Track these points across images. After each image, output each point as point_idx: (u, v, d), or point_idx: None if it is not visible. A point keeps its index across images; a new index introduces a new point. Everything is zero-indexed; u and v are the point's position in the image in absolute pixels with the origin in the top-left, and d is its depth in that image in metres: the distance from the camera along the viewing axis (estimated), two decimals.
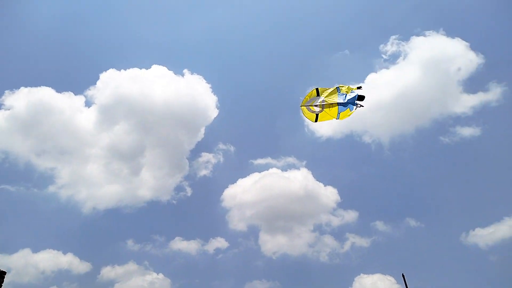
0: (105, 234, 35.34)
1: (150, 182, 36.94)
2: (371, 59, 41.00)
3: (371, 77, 39.31)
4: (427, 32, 38.83)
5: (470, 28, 39.83)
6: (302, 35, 45.08)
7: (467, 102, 35.91)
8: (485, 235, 30.60)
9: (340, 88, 17.31)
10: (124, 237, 34.53)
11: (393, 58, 39.37)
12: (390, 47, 39.68)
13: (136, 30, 45.18)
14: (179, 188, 37.11)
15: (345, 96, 17.15)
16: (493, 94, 35.38)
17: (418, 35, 39.26)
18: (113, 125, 37.30)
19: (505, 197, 32.49)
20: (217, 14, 46.08)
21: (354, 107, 16.82)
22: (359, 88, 16.93)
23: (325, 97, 16.94)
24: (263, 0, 47.01)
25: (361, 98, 17.29)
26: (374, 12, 43.98)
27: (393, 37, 39.79)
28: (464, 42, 36.89)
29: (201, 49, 45.34)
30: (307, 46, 44.93)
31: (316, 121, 16.52)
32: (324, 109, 16.88)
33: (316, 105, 16.91)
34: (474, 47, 36.63)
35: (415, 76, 37.55)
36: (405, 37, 39.67)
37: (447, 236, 32.57)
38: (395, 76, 38.70)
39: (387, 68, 39.60)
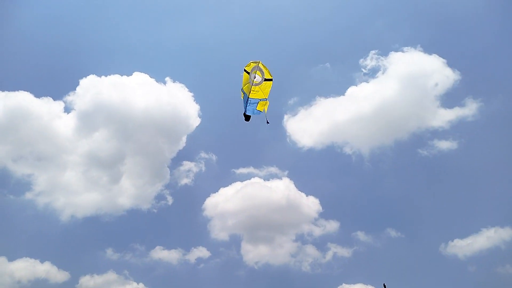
0: (84, 242, 34.19)
1: (130, 190, 36.29)
2: (352, 72, 41.92)
3: (351, 90, 40.21)
4: (405, 48, 40.12)
5: (447, 45, 41.23)
6: (285, 47, 45.73)
7: (444, 117, 37.07)
8: (464, 246, 31.46)
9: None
10: (103, 246, 33.64)
11: (373, 72, 40.38)
12: (369, 62, 40.68)
13: (118, 36, 44.91)
14: (159, 197, 36.54)
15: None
16: (469, 109, 36.73)
17: (396, 50, 40.52)
18: (92, 132, 36.62)
19: (482, 208, 33.62)
20: (201, 23, 46.29)
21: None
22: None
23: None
24: (247, 11, 47.50)
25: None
26: (355, 28, 45.08)
27: (373, 51, 40.89)
28: (441, 59, 38.29)
29: (184, 57, 45.34)
30: (289, 58, 45.59)
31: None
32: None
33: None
34: (450, 64, 37.94)
35: (394, 90, 38.75)
36: (384, 52, 40.70)
37: (426, 247, 33.17)
38: (375, 90, 39.73)
39: (366, 81, 40.57)
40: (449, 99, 37.62)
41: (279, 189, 36.10)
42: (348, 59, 43.17)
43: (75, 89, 38.34)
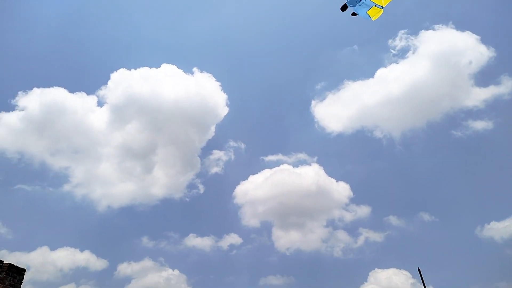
0: (120, 231, 35.67)
1: (163, 180, 37.20)
2: (380, 54, 40.79)
3: (380, 72, 39.13)
4: (436, 26, 38.62)
5: (480, 22, 39.39)
6: (310, 32, 44.94)
7: (479, 96, 35.59)
8: (501, 229, 30.36)
9: None
10: (139, 234, 34.81)
11: (402, 53, 39.15)
12: (399, 42, 39.47)
13: (144, 29, 45.44)
14: (191, 186, 37.27)
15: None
16: (505, 87, 35.01)
17: (427, 29, 39.04)
18: (125, 124, 37.61)
19: None
20: (225, 13, 46.20)
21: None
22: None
23: None
24: None
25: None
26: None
27: (402, 31, 39.52)
28: (474, 36, 36.58)
29: (210, 47, 45.44)
30: (315, 42, 44.80)
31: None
32: None
33: None
34: (484, 41, 36.25)
35: (425, 70, 37.31)
36: (414, 32, 39.51)
37: (461, 230, 32.55)
38: (405, 71, 38.46)
39: (396, 62, 39.44)
40: (484, 77, 36.26)
41: (309, 176, 36.12)
42: (376, 40, 42.10)
43: (107, 83, 39.62)
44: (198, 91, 39.98)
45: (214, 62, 44.22)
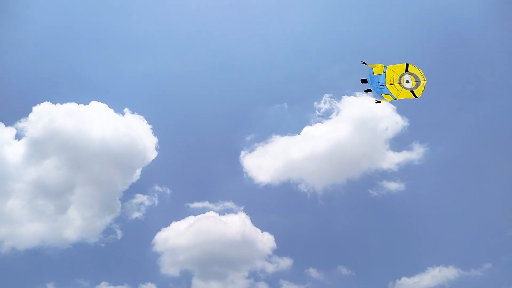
0: (23, 276, 32.05)
1: (78, 222, 34.69)
2: (307, 113, 43.28)
3: (306, 129, 41.53)
4: (357, 93, 42.34)
5: None
6: (245, 85, 47.03)
7: (393, 159, 38.99)
8: (411, 285, 32.28)
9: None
10: (43, 280, 31.64)
11: (327, 114, 42.07)
12: (323, 105, 42.39)
13: (75, 64, 44.32)
14: (108, 231, 35.26)
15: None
16: (416, 153, 38.89)
17: (349, 95, 42.67)
18: (42, 159, 35.33)
19: (427, 248, 34.95)
20: (163, 57, 47.08)
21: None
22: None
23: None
24: (210, 49, 48.53)
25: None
26: (311, 72, 47.32)
27: (327, 95, 42.78)
28: (391, 105, 40.73)
29: (144, 89, 45.28)
30: (248, 96, 46.73)
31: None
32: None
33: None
34: (399, 111, 40.44)
35: (347, 132, 40.62)
36: (337, 96, 42.73)
37: (375, 285, 33.77)
38: (329, 130, 41.33)
39: (321, 122, 42.10)
40: (398, 143, 39.90)
41: (235, 224, 35.95)
42: (304, 100, 44.79)
43: (28, 116, 37.31)
44: (128, 132, 39.10)
45: (147, 105, 43.83)
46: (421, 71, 17.44)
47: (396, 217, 38.03)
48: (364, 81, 18.39)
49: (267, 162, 40.60)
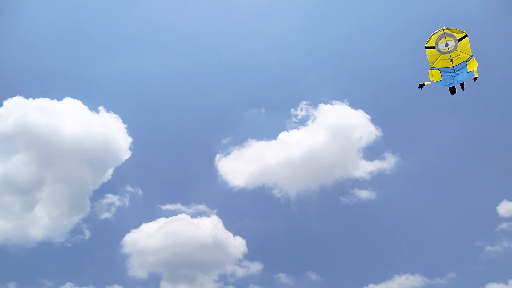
0: None
1: (44, 221, 33.92)
2: (284, 119, 43.64)
3: (282, 135, 41.89)
4: (333, 101, 43.02)
5: (372, 104, 44.62)
6: (223, 90, 47.19)
7: (365, 168, 39.75)
8: None
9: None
10: (6, 279, 30.77)
11: (303, 121, 42.57)
12: (300, 112, 42.83)
13: (50, 59, 43.64)
14: (76, 230, 34.70)
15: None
16: (388, 163, 39.79)
17: (325, 103, 43.29)
18: (11, 155, 34.49)
19: (395, 256, 35.77)
20: (141, 57, 46.59)
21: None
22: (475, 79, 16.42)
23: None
24: (189, 51, 48.49)
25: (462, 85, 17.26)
26: (289, 79, 47.88)
27: (304, 102, 43.27)
28: (366, 115, 41.59)
29: (120, 88, 44.82)
30: (226, 100, 46.83)
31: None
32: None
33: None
34: (374, 121, 41.30)
35: (322, 139, 41.14)
36: (314, 104, 43.26)
37: None
38: (304, 137, 41.83)
39: (297, 128, 42.51)
40: (371, 152, 40.70)
41: (207, 227, 35.82)
42: (282, 106, 45.19)
43: None
44: (102, 130, 38.52)
45: (123, 104, 43.36)
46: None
47: (366, 225, 38.75)
48: (453, 91, 18.06)
49: (242, 166, 40.81)
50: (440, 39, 16.18)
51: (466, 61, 16.30)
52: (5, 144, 34.96)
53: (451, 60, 16.35)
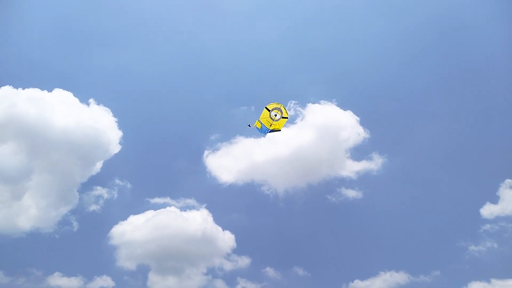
0: None
1: (32, 211, 33.67)
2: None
3: (271, 133, 41.86)
4: (321, 101, 43.78)
5: (360, 105, 45.47)
6: (213, 87, 47.79)
7: (352, 168, 40.53)
8: (363, 287, 33.52)
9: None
10: None
11: (291, 120, 43.03)
12: (288, 110, 43.14)
13: (40, 50, 43.66)
14: (64, 222, 34.67)
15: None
16: (375, 164, 40.67)
17: (313, 102, 44.10)
18: None
19: (380, 254, 36.38)
20: (131, 51, 47.11)
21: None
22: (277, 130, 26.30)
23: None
24: (181, 48, 49.26)
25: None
26: (278, 78, 48.71)
27: (292, 101, 44.03)
28: (355, 117, 42.60)
29: (111, 81, 44.99)
30: (215, 97, 47.44)
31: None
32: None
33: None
34: (362, 123, 42.38)
35: (310, 138, 41.90)
36: (302, 103, 44.03)
37: (330, 286, 34.64)
38: (293, 135, 42.52)
39: (286, 126, 42.72)
40: (358, 152, 41.58)
41: (196, 221, 35.95)
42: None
43: None
44: (92, 124, 38.60)
45: (114, 98, 43.44)
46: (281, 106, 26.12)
47: (352, 223, 39.32)
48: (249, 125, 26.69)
49: (230, 162, 41.19)
50: (274, 110, 25.59)
51: (275, 130, 26.24)
52: None
53: (271, 125, 26.03)
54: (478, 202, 36.61)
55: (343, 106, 43.37)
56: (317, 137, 41.70)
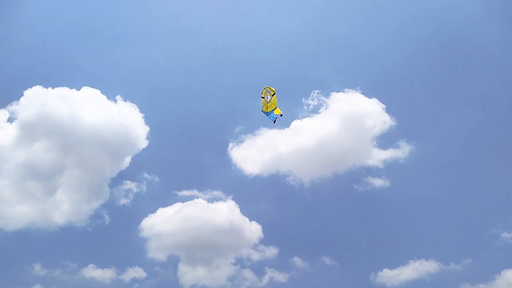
0: (11, 257, 32.25)
1: (66, 206, 34.99)
2: (296, 108, 43.67)
3: (295, 123, 42.08)
4: (345, 90, 43.26)
5: (386, 93, 44.80)
6: (236, 80, 48.00)
7: (379, 156, 39.95)
8: (392, 276, 33.29)
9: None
10: (31, 260, 31.93)
11: (316, 109, 42.72)
12: (311, 101, 42.89)
13: (68, 49, 44.88)
14: (96, 216, 35.77)
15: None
16: (402, 152, 39.96)
17: (337, 91, 43.50)
18: (32, 142, 35.63)
19: (410, 242, 36.00)
20: (156, 47, 47.80)
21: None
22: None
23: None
24: (204, 44, 49.54)
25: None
26: (301, 69, 48.28)
27: (315, 91, 43.40)
28: (381, 104, 41.79)
29: (137, 78, 45.87)
30: (239, 90, 47.61)
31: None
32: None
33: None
34: (388, 110, 41.59)
35: (335, 127, 41.35)
36: (326, 92, 43.47)
37: (358, 276, 34.60)
38: (317, 125, 42.11)
39: (310, 117, 42.69)
40: (384, 140, 40.92)
41: (223, 212, 36.43)
42: (294, 95, 45.14)
43: (19, 99, 37.72)
44: (120, 120, 39.54)
45: (140, 94, 44.30)
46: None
47: (380, 212, 38.90)
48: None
49: (255, 154, 41.35)
50: (266, 93, 26.32)
51: (274, 109, 26.18)
52: (26, 132, 36.04)
53: (268, 108, 26.26)
54: (510, 187, 35.67)
55: (368, 93, 42.78)
56: (342, 126, 41.26)
